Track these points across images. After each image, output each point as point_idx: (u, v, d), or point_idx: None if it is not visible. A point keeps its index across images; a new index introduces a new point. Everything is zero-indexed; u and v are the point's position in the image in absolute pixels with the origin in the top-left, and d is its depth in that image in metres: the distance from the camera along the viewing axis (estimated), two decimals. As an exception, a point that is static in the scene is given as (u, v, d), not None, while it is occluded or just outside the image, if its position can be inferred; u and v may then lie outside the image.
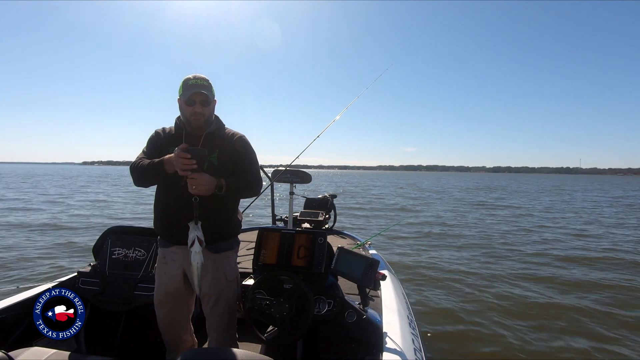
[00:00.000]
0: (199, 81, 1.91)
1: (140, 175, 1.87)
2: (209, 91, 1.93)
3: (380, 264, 2.17)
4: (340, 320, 2.13)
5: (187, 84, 1.91)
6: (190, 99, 1.89)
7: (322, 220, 4.44)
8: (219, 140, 1.99)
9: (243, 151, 2.02)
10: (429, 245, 9.02)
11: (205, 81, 1.93)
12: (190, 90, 1.88)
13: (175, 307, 2.06)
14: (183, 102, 1.93)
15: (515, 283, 6.08)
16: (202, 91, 1.89)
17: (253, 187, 1.97)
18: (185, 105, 1.92)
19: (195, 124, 1.93)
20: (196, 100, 1.89)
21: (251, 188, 1.96)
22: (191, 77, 1.92)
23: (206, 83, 1.93)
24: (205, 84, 1.92)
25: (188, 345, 2.18)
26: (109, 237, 2.56)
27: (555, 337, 4.17)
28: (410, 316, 2.44)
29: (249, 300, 2.12)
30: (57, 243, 8.13)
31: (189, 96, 1.88)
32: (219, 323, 2.04)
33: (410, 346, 1.84)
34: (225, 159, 1.96)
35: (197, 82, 1.90)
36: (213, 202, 1.88)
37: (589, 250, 8.85)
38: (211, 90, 1.95)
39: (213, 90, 1.97)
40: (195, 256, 1.77)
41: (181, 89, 1.93)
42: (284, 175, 4.16)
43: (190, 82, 1.90)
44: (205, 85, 1.92)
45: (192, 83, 1.90)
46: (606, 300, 5.34)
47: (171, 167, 1.75)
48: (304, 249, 2.26)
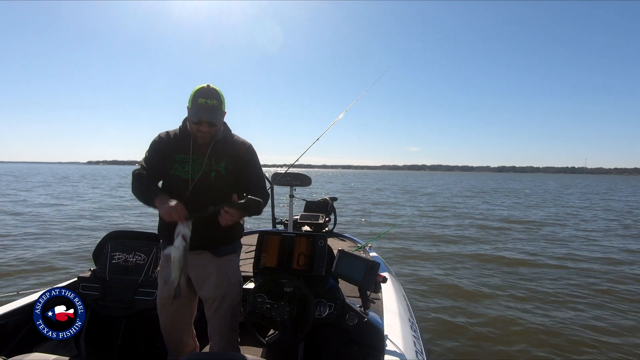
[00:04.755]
0: (209, 101, 1.83)
1: (136, 195, 1.93)
2: (217, 114, 1.87)
3: (380, 267, 2.16)
4: (342, 323, 2.12)
5: (196, 102, 1.84)
6: (199, 120, 1.84)
7: (322, 223, 4.44)
8: (226, 148, 1.97)
9: (252, 161, 2.01)
10: (431, 246, 9.01)
11: (215, 100, 1.85)
12: (199, 113, 1.83)
13: (178, 311, 2.05)
14: (190, 119, 1.88)
15: (522, 285, 6.07)
16: (209, 119, 1.83)
17: (264, 203, 1.95)
18: (192, 123, 1.88)
19: (202, 140, 1.92)
20: (204, 122, 1.84)
21: (263, 204, 1.94)
22: (202, 91, 1.85)
23: (216, 102, 1.85)
24: (215, 104, 1.85)
25: (190, 349, 2.17)
26: (109, 241, 2.55)
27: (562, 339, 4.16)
28: (412, 318, 2.43)
29: (249, 303, 2.12)
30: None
31: (198, 119, 1.84)
32: (222, 326, 2.03)
33: (411, 348, 1.83)
34: (232, 168, 1.95)
35: (207, 103, 1.83)
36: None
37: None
38: (220, 110, 1.88)
39: (223, 106, 1.91)
40: (174, 250, 1.73)
41: (190, 102, 1.87)
42: (284, 178, 4.16)
43: (200, 102, 1.83)
44: (214, 107, 1.85)
45: (201, 103, 1.82)
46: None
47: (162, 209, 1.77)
48: (304, 252, 2.25)
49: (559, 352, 3.88)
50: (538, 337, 4.20)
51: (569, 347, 3.99)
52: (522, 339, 4.13)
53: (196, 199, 1.86)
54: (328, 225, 4.58)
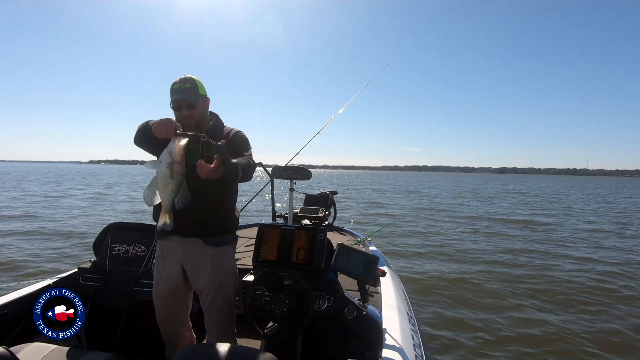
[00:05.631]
0: (183, 84, 1.89)
1: (137, 132, 1.90)
2: (193, 94, 1.90)
3: (380, 261, 2.17)
4: (340, 316, 2.13)
5: (172, 89, 1.90)
6: (176, 104, 1.89)
7: (322, 217, 4.45)
8: (218, 136, 1.96)
9: (241, 141, 2.01)
10: (430, 241, 9.03)
11: (189, 83, 1.90)
12: (174, 96, 1.88)
13: (174, 303, 2.06)
14: (171, 108, 1.93)
15: (519, 281, 6.10)
16: (185, 97, 1.87)
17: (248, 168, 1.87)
18: (174, 112, 1.92)
19: (188, 127, 1.91)
20: (182, 105, 1.89)
21: (247, 169, 1.87)
22: (177, 80, 1.91)
23: (190, 85, 1.90)
24: (189, 87, 1.89)
25: (187, 342, 2.18)
26: (109, 233, 2.56)
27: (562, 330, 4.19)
28: (410, 312, 2.44)
29: (249, 296, 2.12)
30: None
31: (174, 101, 1.88)
32: (218, 318, 2.04)
33: (409, 342, 1.85)
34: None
35: (181, 86, 1.89)
36: (211, 197, 1.90)
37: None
38: (196, 91, 1.92)
39: (200, 90, 1.94)
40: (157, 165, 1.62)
41: (170, 94, 1.92)
42: (284, 172, 4.15)
43: (175, 87, 1.89)
44: (189, 88, 1.89)
45: (176, 88, 1.89)
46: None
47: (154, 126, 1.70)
48: (303, 245, 2.26)
49: (556, 347, 3.91)
50: (536, 330, 4.23)
51: (566, 342, 4.02)
52: (520, 333, 4.15)
53: (189, 185, 1.85)
54: (328, 219, 4.59)
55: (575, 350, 3.85)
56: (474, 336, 4.07)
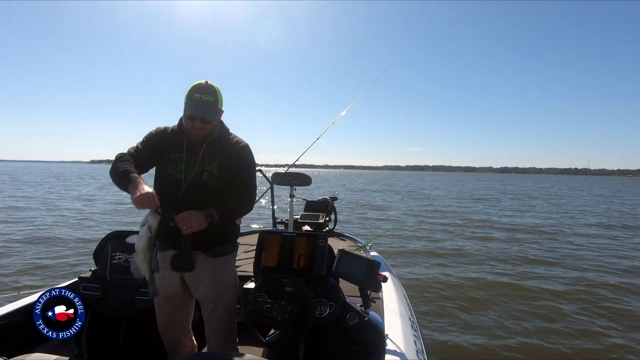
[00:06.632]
0: (204, 98, 1.80)
1: (112, 177, 1.80)
2: (212, 111, 1.83)
3: (381, 266, 2.16)
4: (342, 322, 2.12)
5: (191, 97, 1.81)
6: (192, 115, 1.82)
7: (323, 223, 4.44)
8: (221, 148, 1.94)
9: (244, 161, 1.97)
10: (431, 246, 9.00)
11: (210, 96, 1.82)
12: (192, 109, 1.81)
13: (174, 312, 2.05)
14: (184, 115, 1.87)
15: (524, 287, 6.07)
16: (203, 114, 1.80)
17: (245, 207, 1.92)
18: (186, 119, 1.86)
19: (195, 137, 1.89)
20: (197, 117, 1.82)
21: (244, 208, 1.91)
22: (198, 87, 1.83)
23: (211, 99, 1.82)
24: (210, 101, 1.82)
25: (188, 350, 2.16)
26: (110, 242, 2.55)
27: (563, 338, 4.16)
28: (412, 318, 2.43)
29: (250, 303, 2.12)
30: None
31: (190, 112, 1.82)
32: (218, 328, 2.02)
33: (412, 348, 1.83)
34: (225, 168, 1.92)
35: (202, 99, 1.80)
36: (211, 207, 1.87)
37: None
38: (215, 106, 1.85)
39: (219, 104, 1.88)
40: (137, 239, 1.68)
41: (186, 97, 1.84)
42: (284, 178, 4.16)
43: (195, 98, 1.80)
44: (209, 103, 1.81)
45: (196, 99, 1.80)
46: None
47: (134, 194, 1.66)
48: (304, 251, 2.25)
49: (561, 350, 3.88)
50: (543, 337, 4.20)
51: (572, 344, 3.99)
52: (526, 340, 4.12)
53: (189, 199, 1.85)
54: (328, 225, 4.57)
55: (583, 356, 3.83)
56: (477, 342, 4.04)
